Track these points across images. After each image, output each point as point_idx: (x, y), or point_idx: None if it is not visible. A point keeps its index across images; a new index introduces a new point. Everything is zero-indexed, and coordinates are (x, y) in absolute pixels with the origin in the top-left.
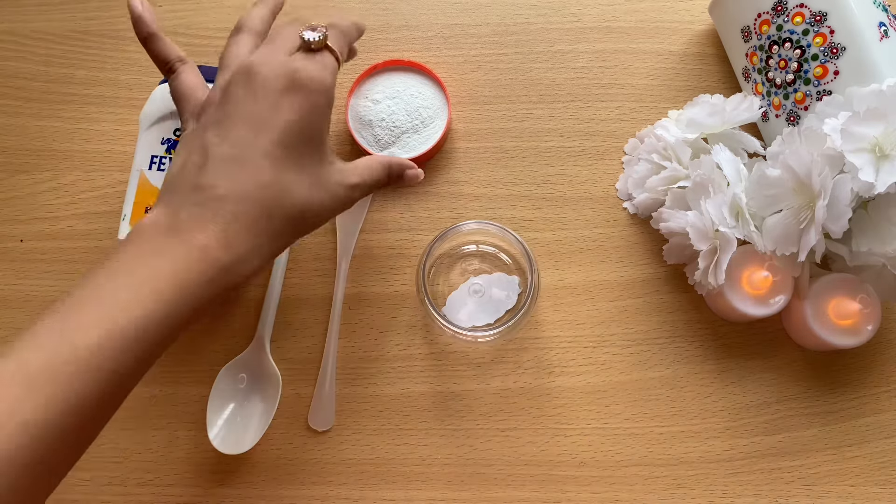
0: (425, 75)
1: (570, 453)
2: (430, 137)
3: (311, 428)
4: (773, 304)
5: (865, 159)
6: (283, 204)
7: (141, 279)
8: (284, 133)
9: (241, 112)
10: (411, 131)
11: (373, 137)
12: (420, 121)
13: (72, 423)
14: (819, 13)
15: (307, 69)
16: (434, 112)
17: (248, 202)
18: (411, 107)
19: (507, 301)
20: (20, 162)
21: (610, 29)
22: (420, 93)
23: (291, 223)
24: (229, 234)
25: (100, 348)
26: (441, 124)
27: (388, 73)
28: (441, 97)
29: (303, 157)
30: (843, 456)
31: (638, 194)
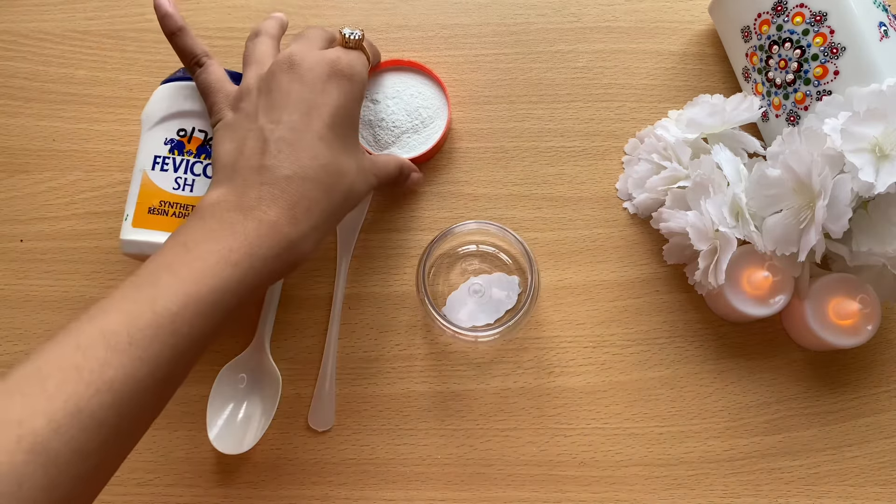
0: (425, 75)
1: (570, 453)
2: (429, 137)
3: (311, 428)
4: (773, 304)
5: (865, 159)
6: (339, 183)
7: (215, 251)
8: (333, 116)
9: (290, 98)
10: (411, 131)
11: (372, 137)
12: (420, 121)
13: (151, 384)
14: (819, 13)
15: (347, 58)
16: (434, 112)
17: (311, 182)
18: (411, 107)
19: (507, 301)
20: (20, 162)
21: (610, 29)
22: (420, 93)
23: (343, 202)
24: (296, 212)
25: (178, 314)
26: (441, 124)
27: (388, 73)
28: (441, 97)
29: (348, 140)
30: (843, 456)
31: (638, 194)
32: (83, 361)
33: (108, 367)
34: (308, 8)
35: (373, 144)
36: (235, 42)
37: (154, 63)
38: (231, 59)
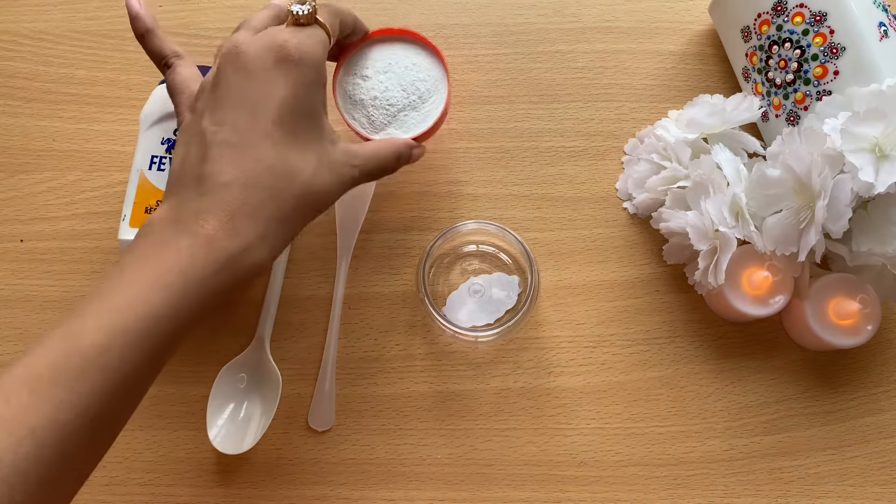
0: (419, 44)
1: (569, 453)
2: (430, 113)
3: (311, 428)
4: (773, 304)
5: (865, 159)
6: (289, 185)
7: (147, 274)
8: (281, 110)
9: (233, 94)
10: (409, 108)
11: (366, 119)
12: (417, 96)
13: (82, 424)
14: (819, 13)
15: (295, 41)
16: (432, 85)
17: (254, 187)
18: (406, 81)
19: (507, 301)
20: (20, 162)
21: (610, 29)
22: (415, 64)
23: (299, 205)
24: (236, 222)
25: (107, 347)
26: (441, 98)
27: (378, 46)
28: (438, 68)
29: (303, 135)
30: (842, 456)
31: (638, 194)
32: (5, 409)
33: (29, 414)
34: None
35: (367, 127)
36: None
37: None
38: None
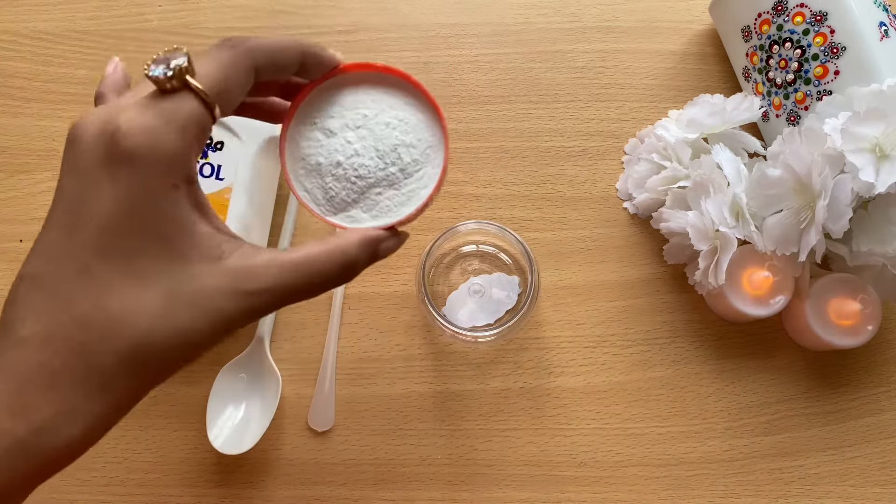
0: (411, 92)
1: (570, 454)
2: (414, 194)
3: (311, 428)
4: (774, 304)
5: (866, 159)
6: (110, 339)
7: None
8: (103, 232)
9: (57, 205)
10: (385, 184)
11: (322, 192)
12: (399, 167)
13: None
14: (819, 13)
15: (127, 125)
16: (423, 153)
17: (54, 345)
18: (385, 144)
19: (507, 301)
20: (20, 162)
21: (610, 28)
22: (401, 120)
23: (132, 365)
24: (25, 396)
25: None
26: (432, 174)
27: (352, 89)
28: (434, 128)
29: (141, 263)
30: (843, 456)
31: (638, 194)
32: None
33: None
34: (307, 7)
35: (323, 204)
36: None
37: None
38: None
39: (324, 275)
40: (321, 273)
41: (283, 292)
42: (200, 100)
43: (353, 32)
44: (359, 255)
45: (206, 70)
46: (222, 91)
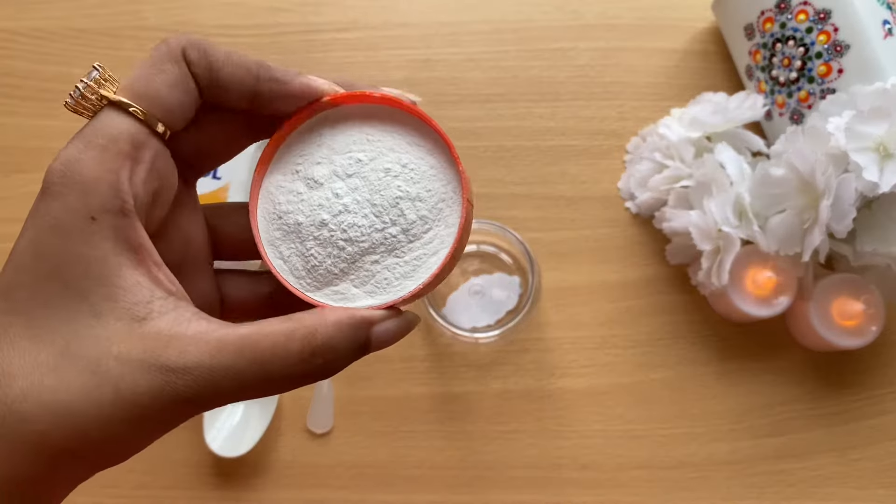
0: (417, 129)
1: (571, 456)
2: (421, 263)
3: (310, 430)
4: (777, 304)
5: (870, 158)
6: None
7: None
8: (8, 277)
9: None
10: (383, 250)
11: (301, 260)
12: (402, 227)
13: None
14: (823, 11)
15: (56, 159)
16: (432, 208)
17: None
18: (385, 197)
19: (508, 302)
20: (16, 161)
21: (612, 26)
22: (405, 166)
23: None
24: None
25: None
26: (447, 235)
27: (344, 125)
28: (447, 175)
29: (39, 314)
30: (847, 458)
31: (640, 194)
32: None
33: None
34: (306, 5)
35: (302, 277)
36: (234, 40)
37: None
38: None
39: (283, 364)
40: (278, 361)
41: (224, 378)
42: (125, 112)
43: (351, 30)
44: (338, 341)
45: (130, 79)
46: (155, 94)
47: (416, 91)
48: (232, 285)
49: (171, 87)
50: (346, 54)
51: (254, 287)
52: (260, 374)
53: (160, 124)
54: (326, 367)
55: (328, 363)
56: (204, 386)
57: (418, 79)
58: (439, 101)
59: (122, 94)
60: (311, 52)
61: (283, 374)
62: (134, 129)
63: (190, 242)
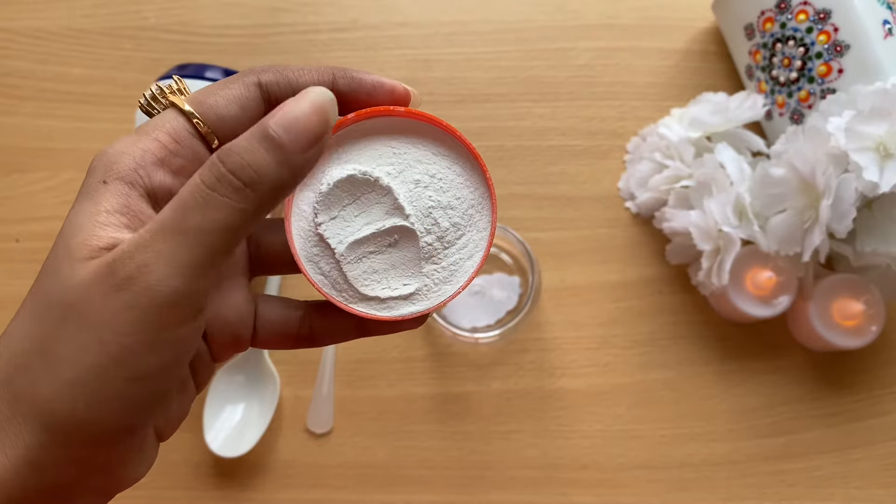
0: (441, 141)
1: (571, 456)
2: (458, 267)
3: (310, 431)
4: (777, 304)
5: (870, 158)
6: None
7: None
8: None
9: None
10: (420, 258)
11: (340, 274)
12: (437, 235)
13: None
14: (823, 11)
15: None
16: (463, 215)
17: None
18: (417, 208)
19: (508, 302)
20: (16, 161)
21: (612, 26)
22: (433, 177)
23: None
24: None
25: None
26: (479, 238)
27: (368, 141)
28: (475, 182)
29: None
30: (847, 458)
31: (640, 194)
32: None
33: None
34: (306, 5)
35: (344, 290)
36: (234, 40)
37: (150, 61)
38: (228, 57)
39: (203, 203)
40: (197, 202)
41: (165, 254)
42: (178, 111)
43: (351, 30)
44: (240, 149)
45: (198, 91)
46: (212, 104)
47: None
48: (266, 307)
49: (228, 101)
50: (345, 54)
51: (286, 311)
52: (189, 226)
53: (207, 128)
54: (255, 186)
55: (249, 180)
56: (152, 277)
57: (418, 79)
58: (439, 101)
59: (185, 101)
60: (311, 52)
61: (207, 216)
62: (179, 124)
63: None
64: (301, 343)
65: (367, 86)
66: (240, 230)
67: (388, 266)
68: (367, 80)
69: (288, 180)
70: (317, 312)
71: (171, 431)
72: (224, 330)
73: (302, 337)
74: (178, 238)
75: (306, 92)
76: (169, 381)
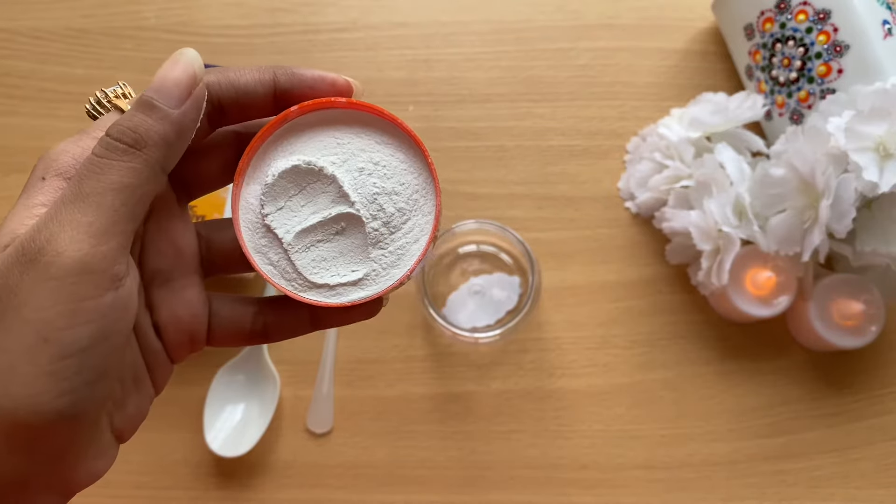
0: (384, 130)
1: (571, 456)
2: (405, 251)
3: (310, 430)
4: (777, 304)
5: (869, 158)
6: None
7: None
8: None
9: None
10: (368, 243)
11: (285, 259)
12: (383, 221)
13: None
14: (822, 11)
15: None
16: (408, 200)
17: None
18: (363, 195)
19: (508, 302)
20: (16, 161)
21: (612, 26)
22: (377, 164)
23: None
24: None
25: None
26: (425, 222)
27: (312, 133)
28: (419, 168)
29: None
30: (847, 458)
31: (640, 194)
32: None
33: None
34: (306, 5)
35: (293, 279)
36: (234, 40)
37: (151, 61)
38: (228, 57)
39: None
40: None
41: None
42: (120, 112)
43: (351, 30)
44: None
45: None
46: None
47: (416, 91)
48: (220, 304)
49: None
50: (345, 54)
51: (239, 307)
52: (87, 191)
53: None
54: (139, 145)
55: (133, 141)
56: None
57: (418, 79)
58: (439, 101)
59: (128, 103)
60: (311, 52)
61: (101, 180)
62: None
63: (181, 253)
64: (255, 339)
65: (308, 80)
66: (137, 188)
67: (336, 253)
68: (308, 74)
69: (171, 134)
70: (270, 308)
71: (130, 432)
72: (178, 328)
73: (256, 333)
74: (79, 205)
75: (173, 55)
76: (104, 360)
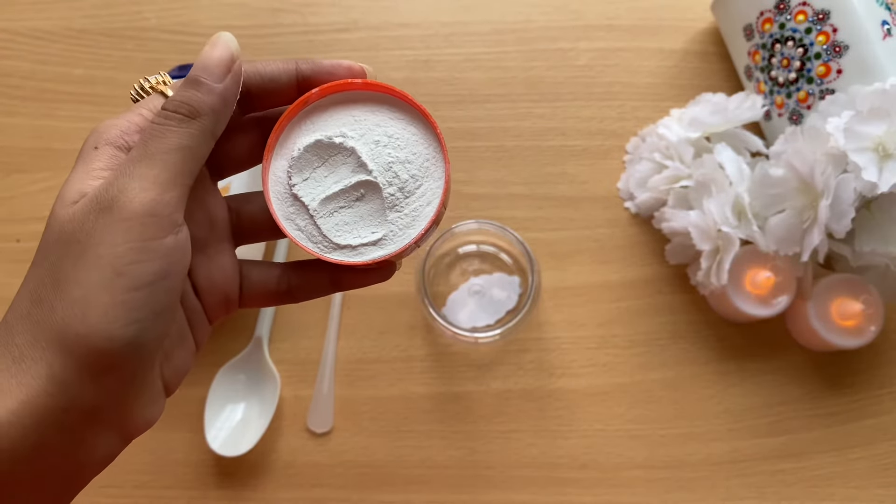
0: (397, 106)
1: (571, 455)
2: (419, 213)
3: (310, 430)
4: (776, 304)
5: (869, 158)
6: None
7: None
8: None
9: None
10: (385, 207)
11: (312, 224)
12: (398, 186)
13: None
14: (822, 11)
15: None
16: (420, 167)
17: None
18: (379, 164)
19: (508, 302)
20: (17, 162)
21: (612, 27)
22: (391, 137)
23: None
24: None
25: None
26: (436, 187)
27: (330, 112)
28: (429, 139)
29: None
30: (846, 458)
31: (640, 194)
32: None
33: None
34: (307, 6)
35: (319, 241)
36: None
37: (152, 61)
38: None
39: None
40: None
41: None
42: (161, 95)
43: (352, 30)
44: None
45: (181, 89)
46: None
47: (416, 91)
48: (249, 268)
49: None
50: (346, 54)
51: (266, 271)
52: (151, 151)
53: None
54: (193, 114)
55: (187, 111)
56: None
57: (418, 79)
58: (439, 101)
59: (169, 88)
60: (312, 52)
61: (164, 142)
62: (160, 103)
63: (214, 222)
64: (282, 299)
65: (327, 66)
66: (195, 148)
67: (357, 218)
68: (327, 62)
69: (218, 104)
70: (293, 271)
71: (175, 384)
72: (214, 290)
73: (282, 293)
74: (146, 161)
75: (211, 39)
76: (165, 296)
